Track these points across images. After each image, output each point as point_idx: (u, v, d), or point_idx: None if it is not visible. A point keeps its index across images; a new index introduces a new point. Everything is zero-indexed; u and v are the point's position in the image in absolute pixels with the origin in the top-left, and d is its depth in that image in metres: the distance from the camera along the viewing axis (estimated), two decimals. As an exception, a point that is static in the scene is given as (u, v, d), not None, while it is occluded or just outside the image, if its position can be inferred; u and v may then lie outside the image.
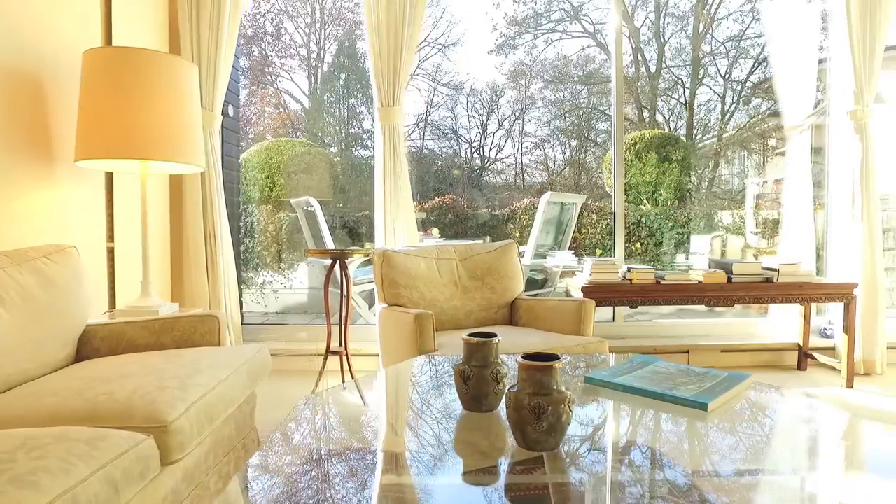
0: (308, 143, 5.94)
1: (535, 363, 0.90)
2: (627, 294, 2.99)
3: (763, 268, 3.09)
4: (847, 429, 1.13)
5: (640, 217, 5.57)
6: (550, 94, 10.07)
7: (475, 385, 1.10)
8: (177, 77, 2.32)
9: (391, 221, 3.22)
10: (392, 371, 1.73)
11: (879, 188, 3.28)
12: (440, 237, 4.70)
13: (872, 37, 3.13)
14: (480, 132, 10.14)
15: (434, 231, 4.73)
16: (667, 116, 9.40)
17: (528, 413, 0.88)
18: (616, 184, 3.66)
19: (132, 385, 1.55)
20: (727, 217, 5.89)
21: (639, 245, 5.51)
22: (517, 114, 10.18)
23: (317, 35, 10.61)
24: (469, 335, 1.13)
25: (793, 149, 3.58)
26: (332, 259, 2.92)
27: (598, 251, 5.41)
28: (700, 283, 3.02)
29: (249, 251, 5.36)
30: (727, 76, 9.03)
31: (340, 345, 2.98)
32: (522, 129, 10.23)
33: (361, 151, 9.10)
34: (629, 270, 3.07)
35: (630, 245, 5.54)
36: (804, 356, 3.36)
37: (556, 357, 0.93)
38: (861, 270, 3.20)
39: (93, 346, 2.03)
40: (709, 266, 3.29)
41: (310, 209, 4.26)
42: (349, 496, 0.85)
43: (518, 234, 5.58)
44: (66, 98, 2.39)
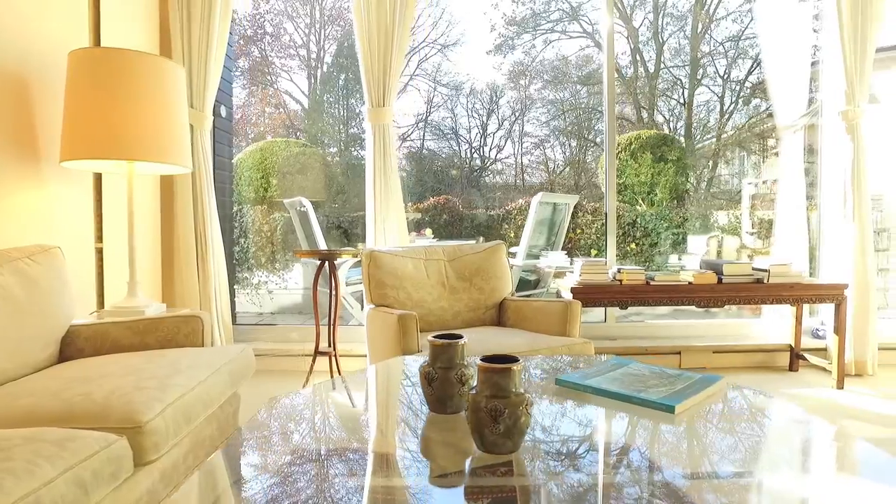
0: (303, 144, 5.94)
1: (493, 365, 0.89)
2: (617, 295, 2.98)
3: (754, 268, 3.08)
4: (813, 431, 1.13)
5: (636, 217, 5.55)
6: (550, 95, 10.05)
7: (439, 387, 1.09)
8: (163, 78, 2.33)
9: (381, 222, 3.22)
10: (370, 371, 1.73)
11: (874, 189, 3.27)
12: (433, 237, 4.70)
13: (863, 37, 3.12)
14: (480, 132, 10.13)
15: (427, 231, 4.73)
16: (667, 117, 9.37)
17: (485, 415, 0.88)
18: (608, 184, 3.66)
19: (110, 386, 1.56)
20: (723, 217, 5.87)
21: (634, 245, 5.49)
22: (517, 114, 10.17)
23: (316, 35, 10.62)
24: (436, 337, 1.12)
25: (786, 149, 3.58)
26: (321, 259, 2.92)
27: (594, 251, 5.39)
28: (690, 284, 3.01)
29: (245, 251, 5.36)
30: (726, 76, 9.01)
31: (329, 345, 2.98)
32: (522, 130, 10.22)
33: (361, 151, 9.09)
34: (619, 271, 3.06)
35: (625, 245, 5.52)
36: (796, 357, 3.34)
37: (516, 359, 0.93)
38: (852, 271, 3.19)
39: (77, 347, 2.03)
40: (699, 267, 3.28)
41: (302, 210, 4.26)
42: (293, 493, 0.85)
43: (513, 235, 5.57)
44: (53, 98, 2.40)
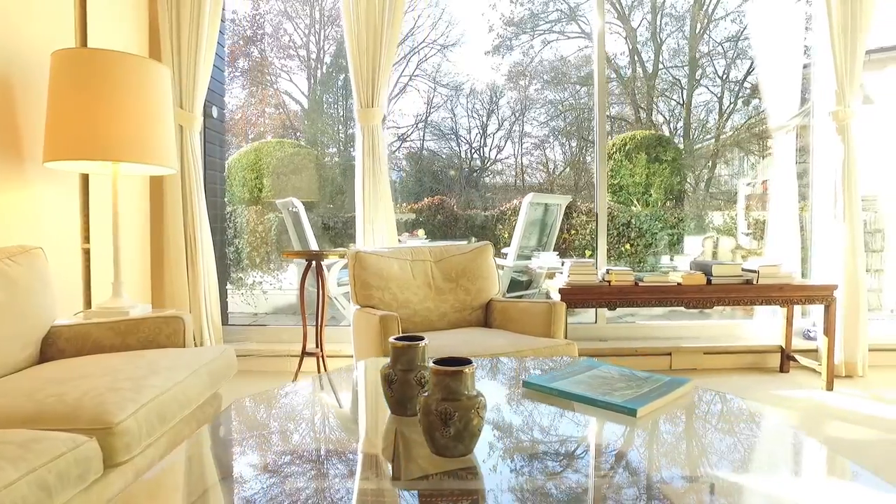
0: (298, 144, 5.94)
1: (444, 368, 0.89)
2: (605, 296, 2.98)
3: (743, 269, 3.07)
4: (773, 433, 1.12)
5: (630, 218, 5.53)
6: (550, 95, 10.04)
7: (399, 389, 1.09)
8: (147, 79, 2.33)
9: (370, 222, 3.22)
10: (342, 371, 1.73)
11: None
12: (426, 238, 4.69)
13: (853, 38, 3.10)
14: (480, 133, 10.13)
15: (420, 232, 4.72)
16: (667, 117, 9.35)
17: (436, 418, 0.88)
18: (598, 184, 3.65)
19: (85, 386, 1.56)
20: (718, 218, 5.85)
21: (628, 246, 5.48)
22: (517, 114, 10.16)
23: (316, 36, 10.63)
24: (397, 339, 1.12)
25: (778, 149, 3.57)
26: (308, 260, 2.92)
27: (588, 252, 5.38)
28: (679, 285, 3.00)
29: (239, 252, 5.37)
30: (725, 77, 8.99)
31: (317, 346, 2.98)
32: (522, 130, 10.21)
33: (360, 152, 9.07)
34: (608, 272, 3.05)
35: (620, 246, 5.50)
36: (786, 358, 3.33)
37: (469, 362, 0.92)
38: (843, 272, 3.17)
39: (58, 347, 2.03)
40: (689, 268, 3.27)
41: (294, 210, 4.26)
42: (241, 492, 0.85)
43: (507, 235, 5.56)
44: (37, 99, 2.40)
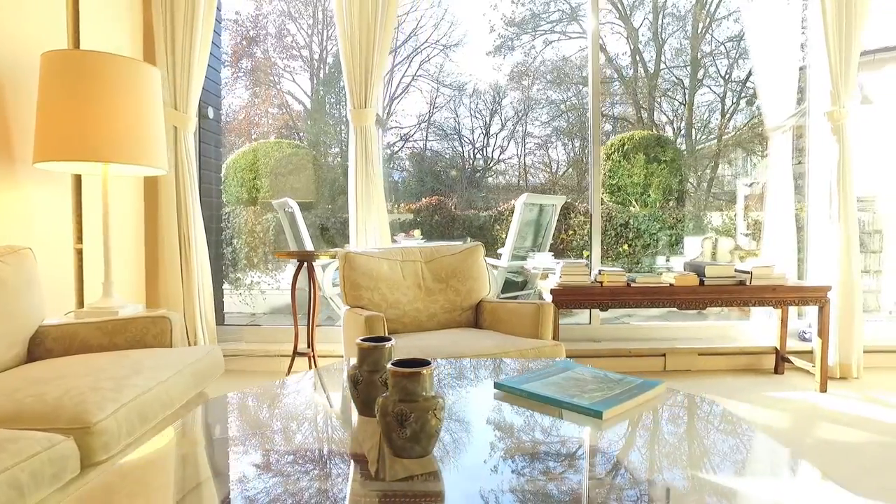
0: (296, 145, 5.96)
1: (401, 370, 0.89)
2: (597, 297, 2.97)
3: (736, 270, 3.05)
4: (738, 435, 1.11)
5: (629, 219, 5.51)
6: (554, 95, 10.02)
7: (364, 390, 1.09)
8: (137, 80, 2.34)
9: (363, 223, 3.23)
10: (314, 371, 1.73)
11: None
12: (422, 238, 4.69)
13: (848, 37, 3.09)
14: (483, 133, 10.13)
15: (415, 232, 4.72)
16: (670, 117, 9.32)
17: (392, 420, 0.88)
18: (592, 184, 3.64)
19: (66, 386, 1.56)
20: (717, 219, 5.83)
21: (626, 247, 5.46)
22: (520, 114, 10.16)
23: (319, 36, 10.66)
24: (363, 340, 1.12)
25: (775, 150, 3.55)
26: (300, 261, 2.93)
27: (585, 253, 5.36)
28: (671, 286, 2.99)
29: (237, 252, 5.39)
30: (728, 76, 8.95)
31: (308, 346, 2.98)
32: (525, 130, 10.21)
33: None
34: (600, 273, 3.04)
35: (618, 247, 5.49)
36: (781, 360, 3.31)
37: (427, 363, 0.92)
38: (837, 273, 3.15)
39: (46, 347, 2.05)
40: (683, 269, 3.26)
41: (289, 211, 4.27)
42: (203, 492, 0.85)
43: (504, 236, 5.56)
44: (29, 100, 2.42)
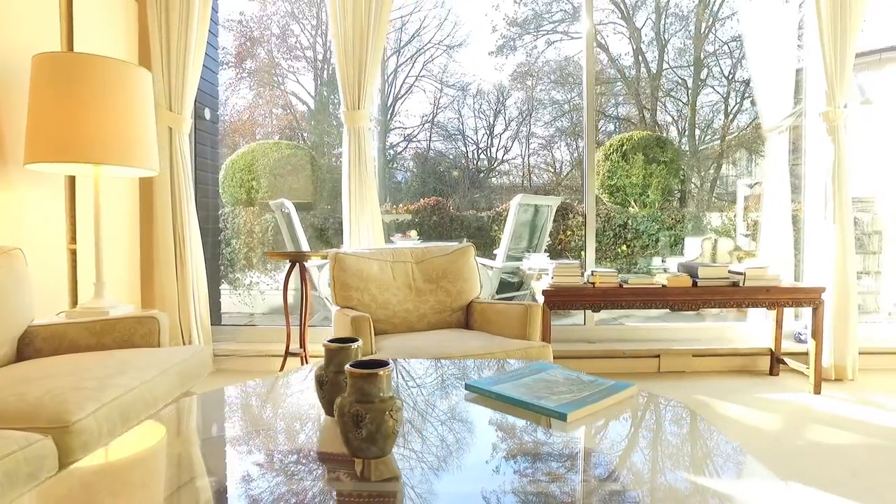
0: (295, 146, 5.98)
1: (357, 370, 0.89)
2: (589, 298, 2.96)
3: (730, 271, 3.04)
4: (703, 438, 1.11)
5: (627, 219, 5.50)
6: (558, 95, 10.02)
7: (329, 390, 1.10)
8: (127, 82, 2.35)
9: (356, 223, 3.23)
10: (304, 370, 1.73)
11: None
12: (418, 239, 4.70)
13: (843, 38, 3.07)
14: (487, 133, 10.13)
15: (412, 233, 4.73)
16: (675, 117, 9.30)
17: (349, 420, 0.88)
18: (586, 185, 3.64)
19: (49, 385, 1.58)
20: (717, 219, 5.80)
21: (625, 247, 5.45)
22: (524, 114, 10.16)
23: (322, 37, 10.70)
24: (330, 341, 1.13)
25: (771, 151, 3.53)
26: (291, 261, 2.94)
27: (583, 253, 5.35)
28: (664, 287, 2.98)
29: (236, 252, 5.41)
30: (731, 76, 8.92)
31: (301, 346, 3.00)
32: (530, 131, 10.21)
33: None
34: (593, 273, 3.04)
35: (616, 247, 5.47)
36: (776, 361, 3.30)
37: (385, 364, 0.93)
38: (832, 274, 3.14)
39: (35, 347, 2.07)
40: (677, 270, 3.25)
41: (286, 211, 4.29)
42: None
43: (501, 237, 5.55)
44: (21, 102, 2.44)
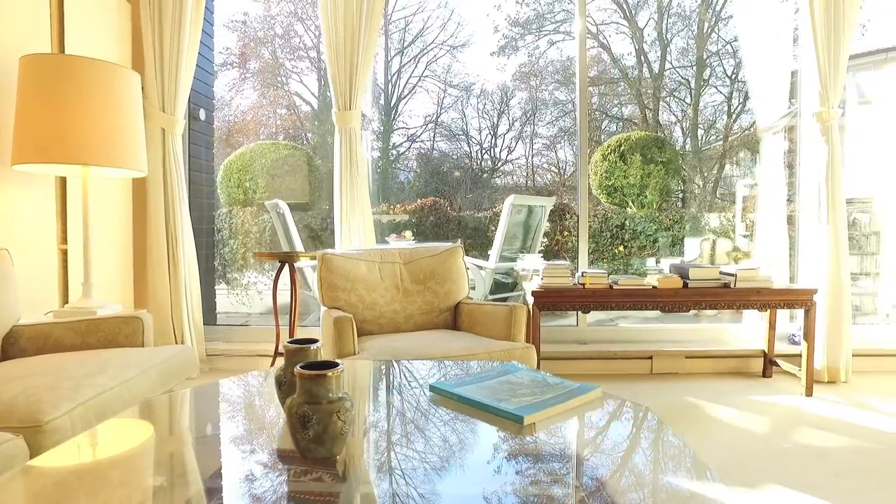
0: (293, 146, 6.00)
1: (305, 371, 0.89)
2: (578, 299, 2.95)
3: (721, 273, 3.02)
4: (657, 440, 1.10)
5: (625, 220, 5.48)
6: (562, 96, 10.00)
7: (288, 391, 1.10)
8: (115, 84, 2.37)
9: (346, 224, 3.24)
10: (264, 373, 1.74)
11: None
12: (413, 239, 4.70)
13: (837, 38, 3.04)
14: (491, 133, 10.13)
15: (407, 233, 4.73)
16: (679, 117, 9.26)
17: (296, 421, 0.88)
18: (579, 184, 3.63)
19: (25, 385, 1.59)
20: (715, 220, 5.76)
21: (622, 248, 5.42)
22: (528, 115, 10.14)
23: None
24: (291, 342, 1.13)
25: (766, 151, 3.51)
26: (281, 261, 2.95)
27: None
28: (654, 288, 2.97)
29: (234, 252, 5.43)
30: (734, 77, 8.87)
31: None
32: (533, 131, 10.20)
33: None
34: (583, 274, 3.03)
35: (613, 248, 5.45)
36: (769, 363, 3.27)
37: (335, 365, 0.93)
38: (826, 275, 3.11)
39: (19, 347, 2.08)
40: (669, 271, 3.23)
41: (280, 212, 4.30)
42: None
43: (499, 237, 5.54)
44: (9, 103, 2.46)
